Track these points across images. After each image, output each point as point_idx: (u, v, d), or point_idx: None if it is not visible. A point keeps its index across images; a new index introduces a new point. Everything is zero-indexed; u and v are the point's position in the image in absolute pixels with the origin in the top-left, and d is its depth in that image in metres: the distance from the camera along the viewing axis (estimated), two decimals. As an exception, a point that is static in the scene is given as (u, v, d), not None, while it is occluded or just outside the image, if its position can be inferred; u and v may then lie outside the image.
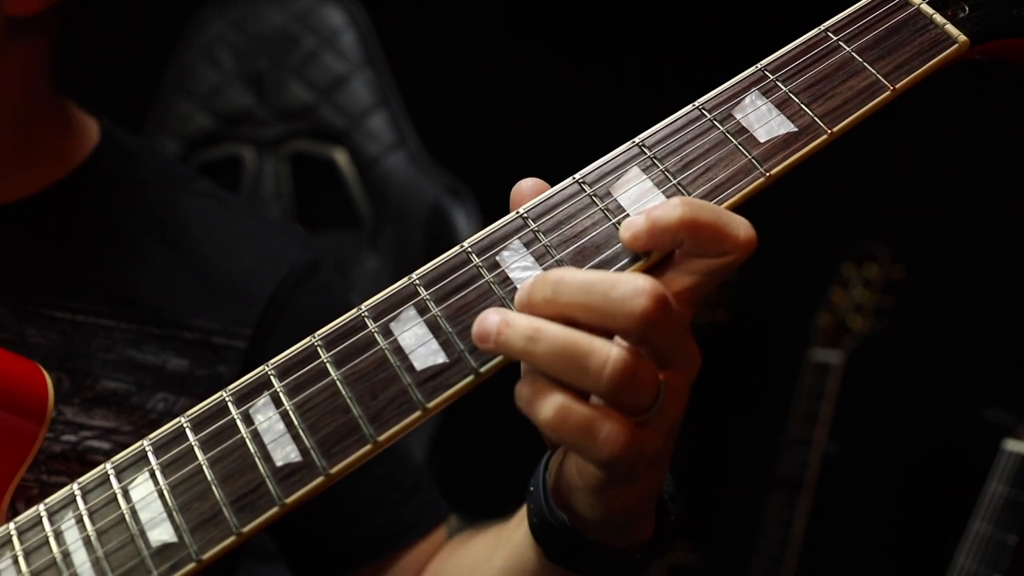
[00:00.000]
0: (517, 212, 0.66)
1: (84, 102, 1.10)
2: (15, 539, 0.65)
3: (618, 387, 0.60)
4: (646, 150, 0.68)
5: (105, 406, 0.98)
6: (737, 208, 0.65)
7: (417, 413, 0.62)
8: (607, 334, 0.61)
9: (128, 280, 1.03)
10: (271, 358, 0.65)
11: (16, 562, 0.64)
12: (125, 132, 1.12)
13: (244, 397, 0.65)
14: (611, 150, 0.68)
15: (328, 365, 0.64)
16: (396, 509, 1.06)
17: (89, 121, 1.09)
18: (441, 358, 0.63)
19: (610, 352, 0.59)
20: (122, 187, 1.07)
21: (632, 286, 0.60)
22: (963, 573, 1.60)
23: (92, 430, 0.96)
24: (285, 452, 0.63)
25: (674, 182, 0.66)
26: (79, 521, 0.65)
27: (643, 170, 0.67)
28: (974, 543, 1.60)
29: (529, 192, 0.67)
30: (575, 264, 0.65)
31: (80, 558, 0.64)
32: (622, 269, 0.64)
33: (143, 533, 0.63)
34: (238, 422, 0.64)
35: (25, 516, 0.66)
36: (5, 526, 0.66)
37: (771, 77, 0.69)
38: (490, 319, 0.61)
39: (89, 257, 1.02)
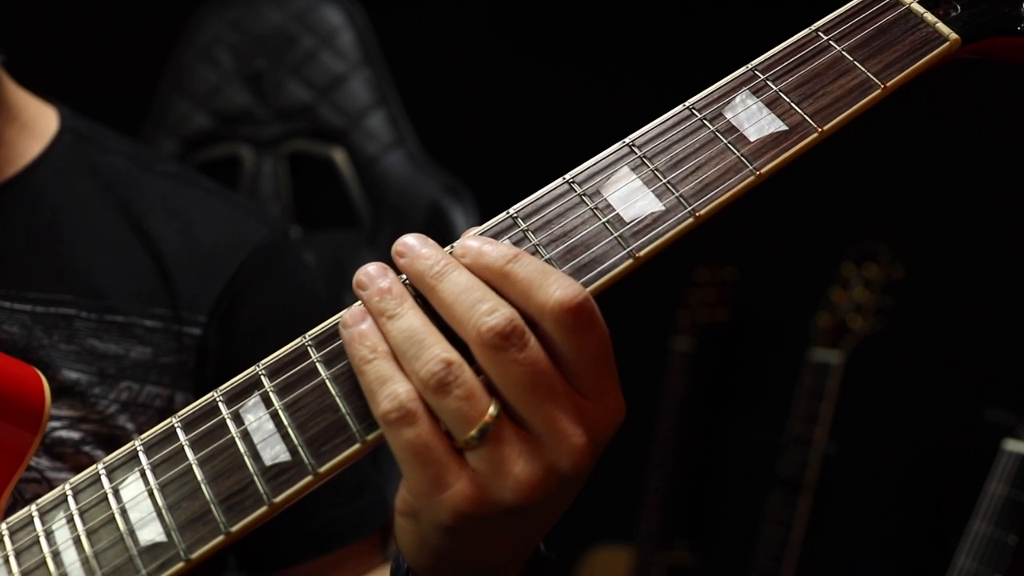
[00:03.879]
0: (507, 212, 0.66)
1: (83, 102, 1.10)
2: (6, 539, 0.66)
3: (432, 387, 0.60)
4: (636, 149, 0.68)
5: (69, 396, 0.96)
6: (730, 206, 0.65)
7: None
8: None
9: (89, 268, 1.01)
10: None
11: (7, 562, 0.64)
12: (85, 119, 1.09)
13: (235, 397, 0.65)
14: (607, 146, 0.68)
15: (318, 365, 0.64)
16: (334, 510, 1.06)
17: (47, 110, 1.07)
18: None
19: (442, 353, 0.60)
20: (82, 173, 1.05)
21: (492, 304, 0.61)
22: (963, 573, 1.60)
23: (60, 420, 0.95)
24: (274, 452, 0.63)
25: (664, 181, 0.66)
26: (70, 521, 0.65)
27: (632, 169, 0.67)
28: (974, 543, 1.60)
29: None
30: (563, 263, 0.65)
31: (70, 557, 0.64)
32: (612, 267, 0.64)
33: (132, 532, 0.63)
34: (228, 422, 0.64)
35: (16, 516, 0.66)
36: (-4, 526, 0.66)
37: (761, 76, 0.69)
38: (372, 272, 0.65)
39: (51, 247, 1.01)
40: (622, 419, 0.64)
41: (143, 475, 0.64)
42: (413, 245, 0.65)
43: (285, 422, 0.63)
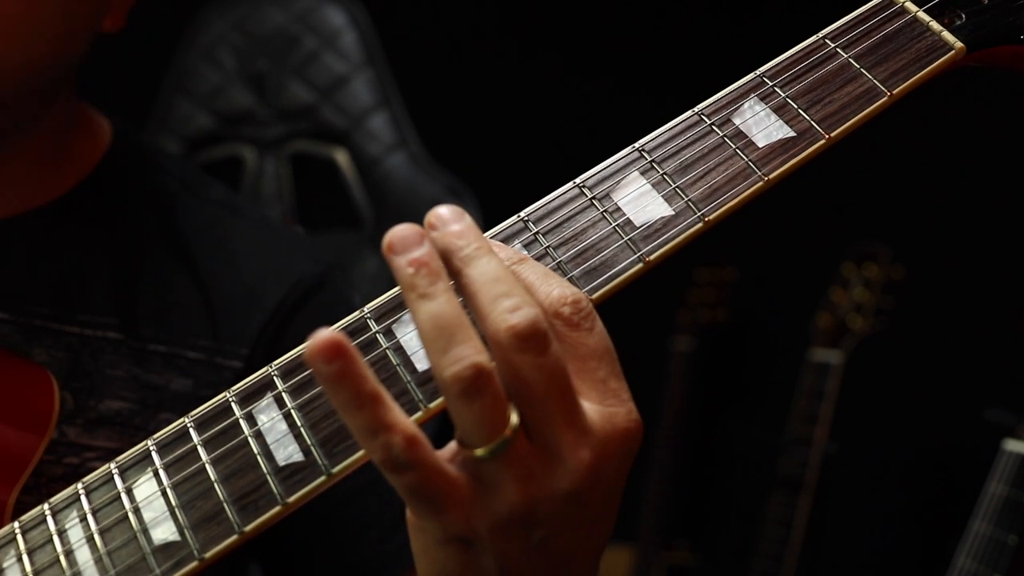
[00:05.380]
0: (518, 215, 0.67)
1: (83, 101, 1.10)
2: (19, 538, 0.66)
3: (455, 393, 0.55)
4: (646, 154, 0.68)
5: (108, 426, 0.95)
6: (737, 212, 0.66)
7: (419, 413, 0.62)
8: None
9: (135, 293, 1.00)
10: None
11: (20, 560, 0.65)
12: (135, 131, 1.09)
13: (248, 398, 0.65)
14: (610, 149, 0.69)
15: None
16: (371, 547, 1.02)
17: (102, 120, 1.07)
18: None
19: (474, 356, 0.55)
20: (134, 193, 1.05)
21: (517, 300, 0.56)
22: (963, 573, 1.60)
23: (95, 451, 0.94)
24: (288, 452, 0.63)
25: (673, 185, 0.67)
26: (82, 520, 0.65)
27: (642, 173, 0.68)
28: (974, 543, 1.60)
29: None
30: (574, 266, 0.65)
31: (83, 556, 0.64)
32: (623, 271, 0.65)
33: (146, 531, 0.63)
34: (241, 422, 0.64)
35: (29, 515, 0.67)
36: (9, 525, 0.67)
37: (769, 83, 0.70)
38: (407, 236, 0.59)
39: (98, 268, 1.00)
40: (636, 434, 0.60)
41: (156, 474, 0.65)
42: (446, 218, 0.61)
43: (298, 422, 0.63)
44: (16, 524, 0.66)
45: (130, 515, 0.64)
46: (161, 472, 0.65)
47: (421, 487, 0.56)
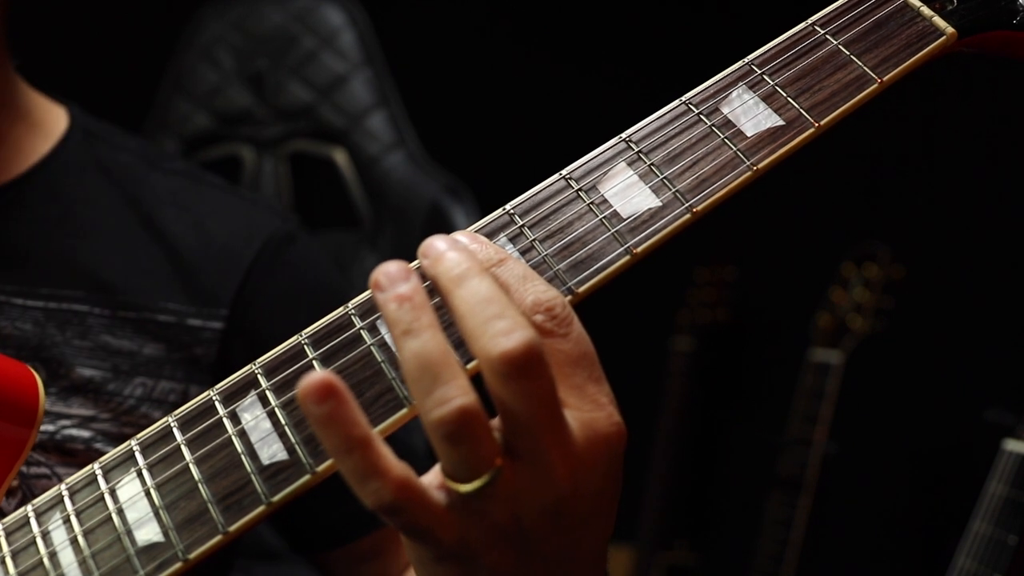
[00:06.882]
0: (503, 208, 0.66)
1: (83, 101, 1.10)
2: (2, 540, 0.65)
3: (441, 435, 0.54)
4: (632, 145, 0.67)
5: (82, 394, 0.96)
6: (726, 202, 0.65)
7: (403, 411, 0.61)
8: None
9: (101, 264, 1.02)
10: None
11: (3, 563, 0.64)
12: (95, 118, 1.10)
13: (231, 396, 0.64)
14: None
15: (315, 363, 0.64)
16: None
17: (57, 109, 1.08)
18: None
19: (459, 398, 0.54)
20: (93, 171, 1.06)
21: (509, 323, 0.55)
22: (963, 573, 1.59)
23: (70, 419, 0.95)
24: (272, 451, 0.62)
25: (660, 176, 0.66)
26: (66, 521, 0.64)
27: (629, 164, 0.67)
28: (974, 543, 1.59)
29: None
30: (561, 259, 0.65)
31: (67, 558, 0.63)
32: (610, 264, 0.64)
33: (129, 532, 0.62)
34: (225, 421, 0.64)
35: (13, 517, 0.66)
36: (-7, 526, 0.66)
37: (758, 71, 0.69)
38: (392, 272, 0.57)
39: (62, 242, 1.01)
40: (617, 438, 0.58)
41: (140, 475, 0.64)
42: (437, 246, 0.59)
43: (282, 420, 0.63)
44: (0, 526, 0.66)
45: (114, 516, 0.63)
46: (145, 472, 0.64)
47: (413, 525, 0.57)
